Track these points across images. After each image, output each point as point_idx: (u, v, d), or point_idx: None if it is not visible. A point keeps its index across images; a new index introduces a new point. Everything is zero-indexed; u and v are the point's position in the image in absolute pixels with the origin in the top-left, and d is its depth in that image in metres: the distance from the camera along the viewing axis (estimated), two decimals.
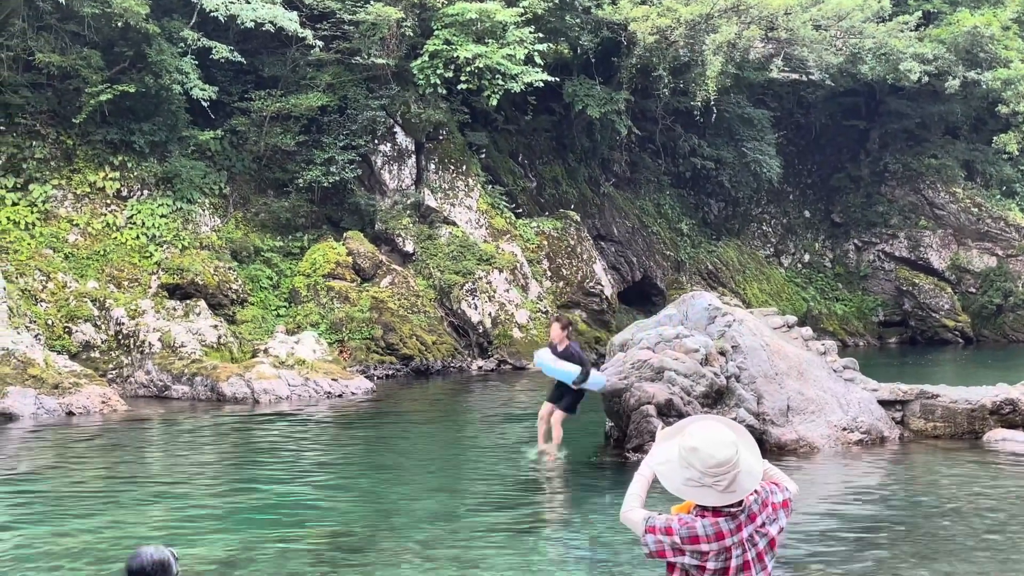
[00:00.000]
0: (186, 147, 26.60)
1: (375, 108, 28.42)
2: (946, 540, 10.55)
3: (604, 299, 30.99)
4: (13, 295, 22.07)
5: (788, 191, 40.76)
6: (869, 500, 12.57)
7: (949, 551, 10.08)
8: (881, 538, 10.65)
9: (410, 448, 16.15)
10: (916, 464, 14.74)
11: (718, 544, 4.40)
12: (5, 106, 24.27)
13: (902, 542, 10.51)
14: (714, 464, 4.38)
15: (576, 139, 33.89)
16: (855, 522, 11.44)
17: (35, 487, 13.37)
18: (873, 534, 10.83)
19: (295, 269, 26.94)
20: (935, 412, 16.03)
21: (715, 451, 4.40)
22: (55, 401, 19.51)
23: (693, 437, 4.49)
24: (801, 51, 32.71)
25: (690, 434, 4.53)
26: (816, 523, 11.11)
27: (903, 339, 38.44)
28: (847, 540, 10.60)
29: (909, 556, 9.91)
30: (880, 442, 15.45)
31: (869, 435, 15.43)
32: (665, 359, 14.93)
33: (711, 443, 4.43)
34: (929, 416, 16.05)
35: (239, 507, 12.19)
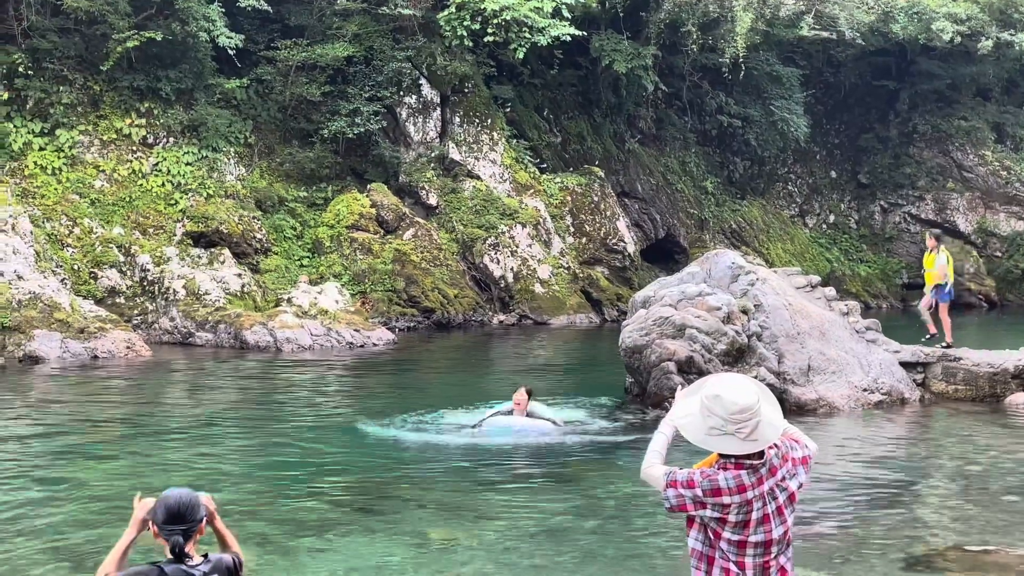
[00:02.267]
0: (212, 95, 26.62)
1: (401, 59, 28.32)
2: (963, 501, 10.57)
3: (627, 256, 30.94)
4: (40, 239, 22.26)
5: (815, 151, 40.43)
6: (886, 461, 12.60)
7: (966, 513, 10.11)
8: (897, 499, 10.68)
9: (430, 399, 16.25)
10: (936, 426, 14.73)
11: (740, 497, 4.43)
12: (33, 51, 24.33)
13: (918, 503, 10.54)
14: (736, 410, 4.41)
15: (602, 94, 33.66)
16: (872, 482, 11.47)
17: (59, 429, 13.57)
18: (889, 494, 10.86)
19: (319, 220, 27.02)
20: (957, 375, 15.99)
21: (737, 397, 4.44)
22: (80, 345, 19.74)
23: (715, 387, 4.53)
24: (832, 9, 32.32)
25: (712, 384, 4.57)
26: (832, 482, 11.15)
27: None
28: (863, 500, 10.64)
29: (925, 517, 9.94)
30: (900, 404, 15.44)
31: (889, 396, 15.42)
32: (687, 316, 14.93)
33: (733, 390, 4.48)
34: (951, 379, 16.01)
35: (260, 453, 12.33)
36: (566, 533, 9.19)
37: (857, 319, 16.71)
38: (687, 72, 34.39)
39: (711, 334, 14.80)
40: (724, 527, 4.48)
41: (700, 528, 4.56)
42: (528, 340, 25.33)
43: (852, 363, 15.60)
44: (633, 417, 14.59)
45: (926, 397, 15.92)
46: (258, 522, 9.27)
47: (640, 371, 14.90)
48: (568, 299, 28.76)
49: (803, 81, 37.29)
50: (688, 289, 15.68)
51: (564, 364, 21.89)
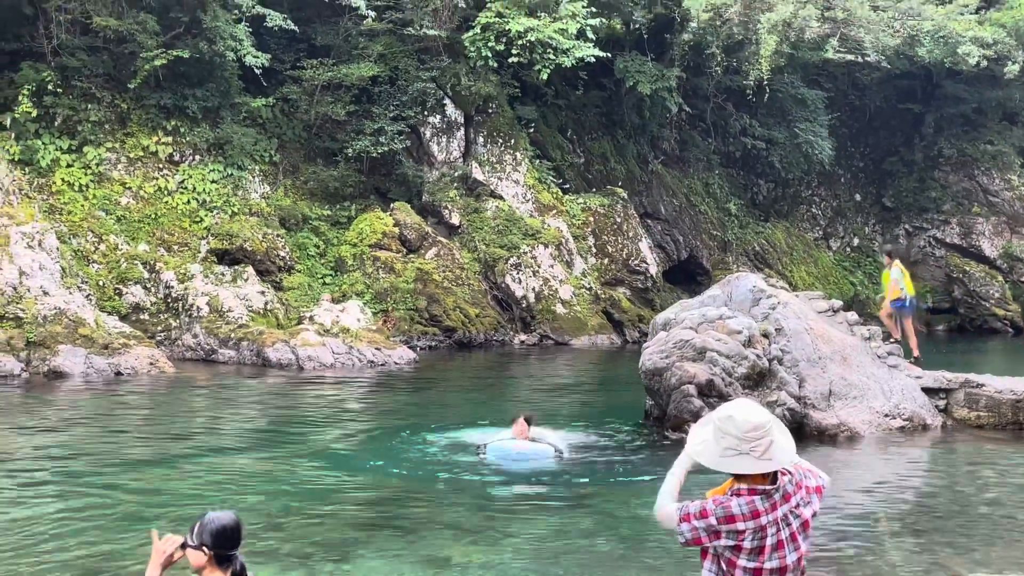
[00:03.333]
0: (238, 114, 26.85)
1: (425, 80, 28.48)
2: (983, 529, 10.48)
3: (649, 277, 30.91)
4: (66, 256, 22.47)
5: (839, 174, 40.32)
6: (907, 486, 12.51)
7: (985, 540, 10.02)
8: (917, 525, 10.61)
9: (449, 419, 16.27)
10: (957, 453, 14.62)
11: (754, 523, 4.44)
12: (62, 69, 24.62)
13: (938, 530, 10.46)
14: (750, 428, 4.47)
15: (626, 115, 33.72)
16: (892, 508, 11.40)
17: (82, 445, 13.66)
18: (909, 520, 10.79)
19: (342, 238, 27.15)
20: (979, 401, 15.86)
21: (749, 416, 4.51)
22: (104, 361, 19.89)
23: (727, 409, 4.61)
24: (858, 32, 32.25)
25: (724, 407, 4.63)
26: (853, 507, 11.08)
27: (951, 327, 37.97)
28: (881, 527, 10.57)
29: (944, 544, 9.87)
30: (922, 430, 15.33)
31: (911, 422, 15.32)
32: (708, 339, 14.90)
33: (746, 410, 4.57)
34: (973, 405, 15.89)
35: (278, 470, 12.38)
36: (583, 554, 9.18)
37: (879, 344, 16.62)
38: (711, 94, 34.42)
39: (732, 357, 14.76)
40: (739, 555, 4.49)
41: (714, 559, 4.58)
42: (549, 360, 25.32)
43: (874, 388, 15.51)
44: (653, 439, 14.56)
45: (948, 423, 15.80)
46: (276, 539, 9.30)
47: (660, 393, 14.87)
48: (589, 320, 28.75)
49: (828, 104, 37.23)
50: (709, 312, 15.64)
51: (584, 385, 21.86)
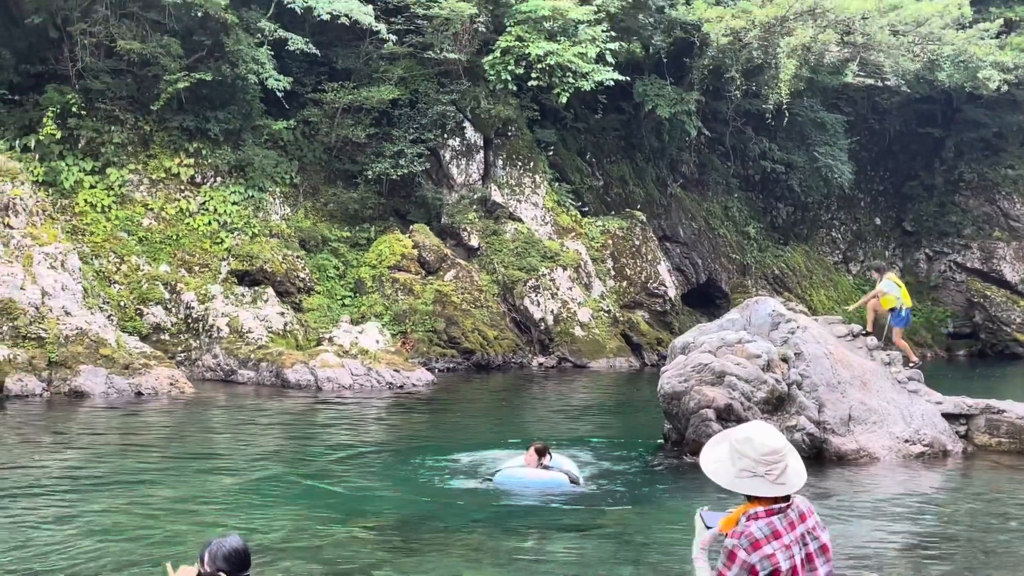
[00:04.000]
0: (259, 136, 27.04)
1: (445, 103, 28.63)
2: (1003, 556, 10.41)
3: (667, 300, 30.88)
4: (88, 276, 22.65)
5: (859, 197, 40.24)
6: (927, 512, 12.44)
7: (1005, 567, 9.95)
8: (936, 551, 10.54)
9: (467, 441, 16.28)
10: (977, 479, 14.52)
11: (778, 542, 4.46)
12: (86, 91, 24.88)
13: (957, 556, 10.39)
14: (767, 451, 4.49)
15: (645, 139, 33.79)
16: (911, 534, 11.34)
17: (101, 464, 13.73)
18: (929, 547, 10.72)
19: (361, 260, 27.26)
20: (1000, 428, 15.76)
21: (767, 439, 4.53)
22: (125, 381, 20.00)
23: (745, 430, 4.61)
24: (877, 56, 32.24)
25: (741, 429, 4.64)
26: (872, 533, 11.03)
27: (972, 352, 37.76)
28: (902, 551, 10.51)
29: (963, 570, 9.80)
30: (942, 456, 15.24)
31: (931, 448, 15.23)
32: (726, 363, 14.88)
33: (763, 433, 4.58)
34: (994, 431, 15.79)
35: (294, 492, 12.40)
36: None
37: (899, 369, 16.56)
38: (730, 117, 34.47)
39: (751, 382, 14.73)
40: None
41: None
42: (567, 383, 25.30)
43: (894, 413, 15.44)
44: (672, 463, 14.53)
45: (968, 449, 15.70)
46: (291, 561, 9.32)
47: (679, 417, 14.85)
48: (608, 342, 28.73)
49: (847, 127, 37.22)
50: (728, 336, 15.63)
51: (603, 408, 21.83)
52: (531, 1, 27.99)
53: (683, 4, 30.65)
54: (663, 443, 15.60)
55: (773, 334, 15.81)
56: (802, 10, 30.15)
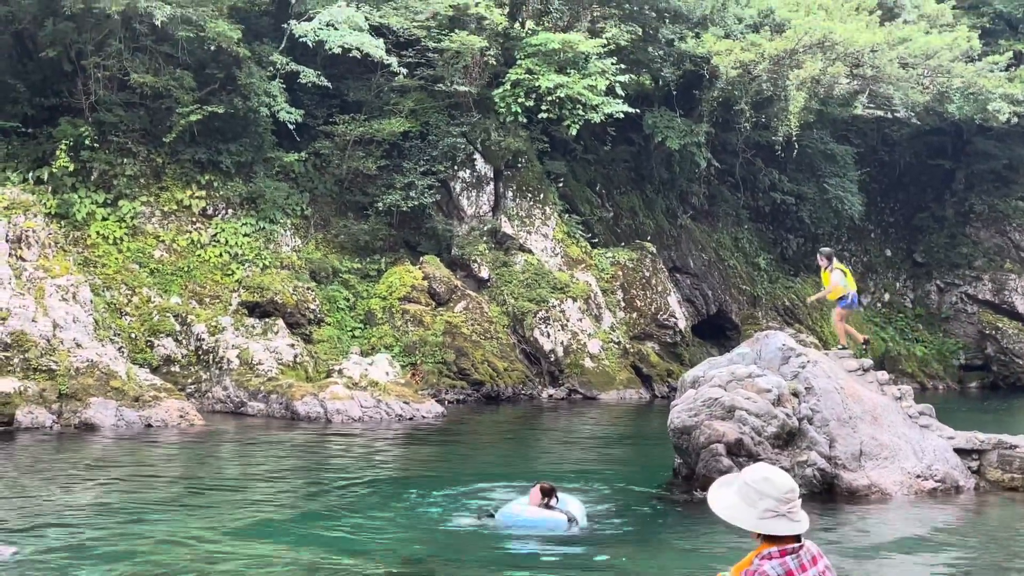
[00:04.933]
0: (271, 168, 27.19)
1: (456, 135, 28.77)
2: None
3: (678, 332, 30.83)
4: (99, 308, 22.72)
5: (869, 229, 40.21)
6: (940, 550, 12.33)
7: None
8: None
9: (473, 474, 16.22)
10: (991, 516, 14.41)
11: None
12: (99, 124, 25.07)
13: None
14: (787, 490, 4.53)
15: (655, 170, 33.87)
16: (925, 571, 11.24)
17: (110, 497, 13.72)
18: None
19: (372, 291, 27.30)
20: (1013, 463, 15.64)
21: (784, 479, 4.59)
22: (135, 414, 20.02)
23: (759, 471, 4.61)
24: (887, 88, 32.32)
25: (753, 470, 4.63)
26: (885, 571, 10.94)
27: (984, 384, 37.57)
28: None
29: None
30: (955, 491, 15.13)
31: (943, 484, 15.12)
32: (737, 398, 14.83)
33: (778, 472, 4.64)
34: (1007, 467, 15.66)
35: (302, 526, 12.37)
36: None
37: (910, 404, 16.47)
38: (740, 149, 34.53)
39: (761, 416, 14.67)
40: None
41: None
42: (577, 415, 25.24)
43: (905, 449, 15.36)
44: (682, 499, 14.45)
45: (981, 485, 15.58)
46: None
47: (689, 452, 14.79)
48: (618, 374, 28.68)
49: (857, 159, 37.25)
50: (738, 370, 15.58)
51: (613, 441, 21.76)
52: (541, 34, 28.19)
53: (693, 37, 30.80)
54: (673, 477, 15.52)
55: (783, 368, 15.76)
56: (811, 43, 30.26)
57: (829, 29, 30.08)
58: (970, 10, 37.85)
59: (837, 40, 30.35)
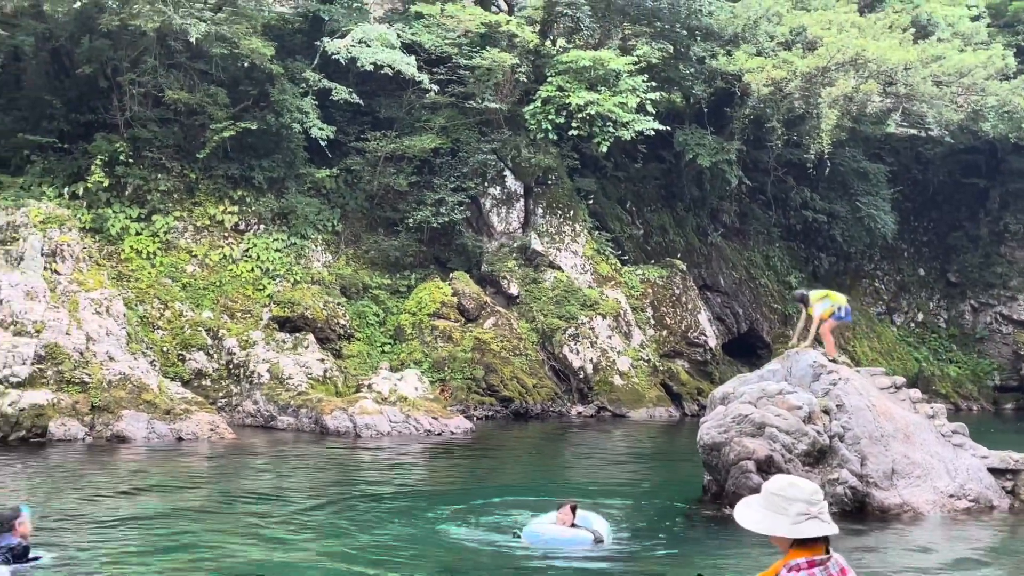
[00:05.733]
0: (302, 184, 27.36)
1: (486, 151, 28.85)
2: None
3: (708, 350, 30.68)
4: (132, 322, 22.91)
5: (902, 248, 39.89)
6: (973, 569, 12.16)
7: None
8: None
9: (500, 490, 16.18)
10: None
11: None
12: (134, 139, 25.34)
13: None
14: (813, 491, 4.55)
15: (685, 188, 33.79)
16: None
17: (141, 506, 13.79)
18: None
19: (401, 307, 27.36)
20: None
21: (808, 483, 4.65)
22: (166, 426, 20.14)
23: (781, 479, 4.63)
24: (920, 107, 32.10)
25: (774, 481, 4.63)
26: None
27: (1020, 405, 37.10)
28: None
29: None
30: (988, 511, 14.93)
31: (977, 503, 14.93)
32: (767, 415, 14.73)
33: (800, 479, 4.68)
34: None
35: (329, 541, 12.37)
36: None
37: (943, 422, 16.29)
38: (771, 167, 34.39)
39: (791, 433, 14.55)
40: None
41: None
42: (606, 432, 25.13)
43: (938, 468, 15.18)
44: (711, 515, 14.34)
45: (1015, 505, 15.37)
46: None
47: (718, 469, 14.68)
48: (648, 392, 28.55)
49: (890, 177, 37.00)
50: (768, 387, 15.48)
51: (642, 458, 21.64)
52: (572, 52, 28.25)
53: (724, 55, 30.75)
54: (703, 494, 15.42)
55: (814, 385, 15.64)
56: (844, 61, 30.13)
57: (862, 47, 29.94)
58: (1005, 28, 37.56)
59: (870, 58, 30.20)
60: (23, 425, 19.37)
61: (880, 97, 31.81)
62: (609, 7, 30.05)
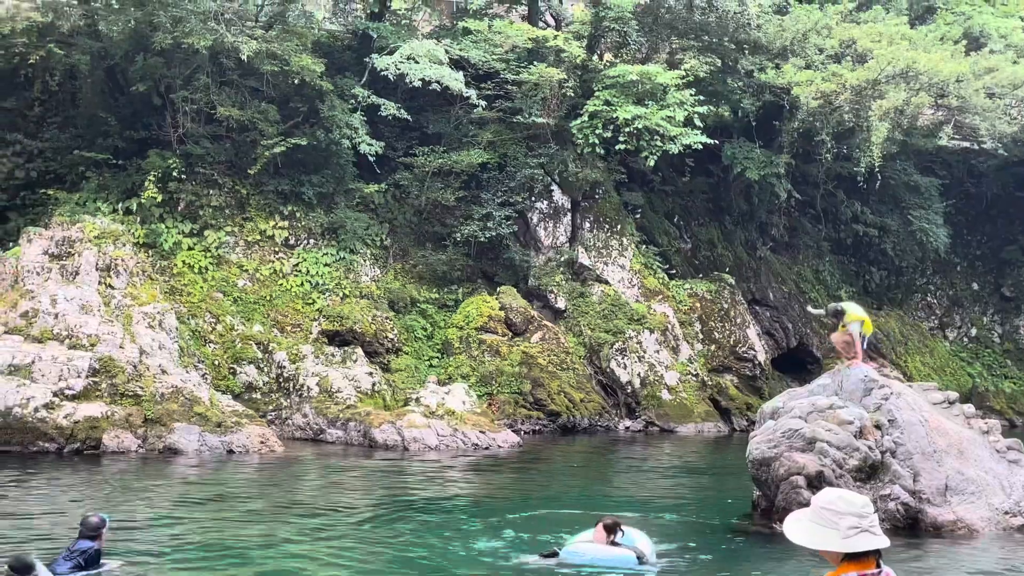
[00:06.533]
0: (351, 199, 27.60)
1: (533, 166, 28.93)
2: None
3: (757, 365, 30.45)
4: (184, 335, 23.21)
5: (955, 262, 39.34)
6: None
7: None
8: None
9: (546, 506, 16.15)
10: None
11: None
12: (186, 156, 25.71)
13: None
14: (863, 504, 4.52)
15: (734, 202, 33.62)
16: None
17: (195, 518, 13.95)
18: None
19: (449, 321, 27.46)
20: None
21: (857, 496, 4.60)
22: (217, 439, 20.36)
23: (830, 493, 4.61)
24: (973, 119, 31.71)
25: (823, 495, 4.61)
26: None
27: None
28: None
29: None
30: None
31: None
32: (817, 430, 14.59)
33: (849, 492, 4.64)
34: None
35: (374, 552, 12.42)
36: None
37: (997, 438, 16.03)
38: (821, 180, 34.11)
39: (842, 448, 14.40)
40: None
41: None
42: (654, 447, 25.01)
43: (993, 484, 14.94)
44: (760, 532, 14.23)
45: None
46: None
47: (768, 484, 14.57)
48: (696, 407, 28.39)
49: (943, 191, 36.54)
50: (819, 401, 15.34)
51: (691, 474, 21.50)
52: (619, 66, 28.26)
53: (772, 68, 30.59)
54: (752, 510, 15.30)
55: (865, 400, 15.47)
56: (894, 73, 29.85)
57: (913, 59, 29.65)
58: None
59: (921, 70, 29.89)
60: (78, 437, 19.68)
61: (931, 110, 31.49)
62: (656, 21, 30.05)
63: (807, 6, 32.97)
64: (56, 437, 19.58)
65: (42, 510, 14.27)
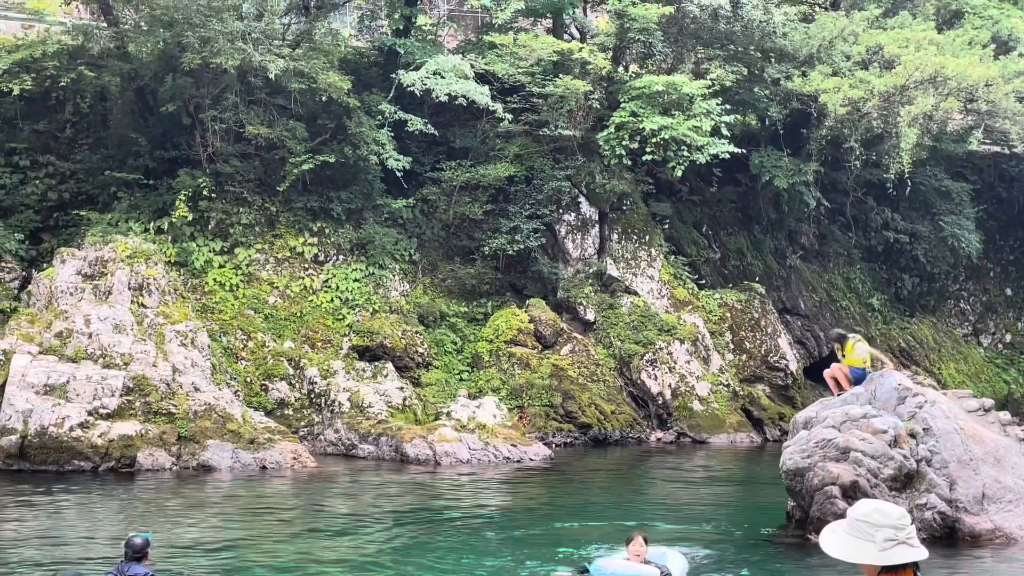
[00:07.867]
0: (380, 215, 27.71)
1: (561, 178, 28.94)
2: None
3: (789, 374, 30.25)
4: (216, 353, 23.36)
5: (988, 267, 38.96)
6: None
7: None
8: None
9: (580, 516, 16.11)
10: None
11: None
12: (216, 175, 25.92)
13: None
14: (900, 515, 4.42)
15: (762, 210, 33.47)
16: None
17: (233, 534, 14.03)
18: None
19: (479, 334, 27.48)
20: None
21: (894, 507, 4.49)
22: (250, 456, 20.46)
23: (867, 504, 4.51)
24: (1003, 123, 31.40)
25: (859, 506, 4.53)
26: None
27: None
28: None
29: None
30: None
31: None
32: (851, 439, 14.48)
33: (886, 503, 4.52)
34: None
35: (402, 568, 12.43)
36: None
37: None
38: (850, 187, 33.89)
39: (877, 458, 14.29)
40: None
41: None
42: (686, 458, 24.90)
43: None
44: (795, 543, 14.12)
45: None
46: None
47: (802, 495, 14.46)
48: (728, 417, 28.23)
49: (974, 196, 36.21)
50: (852, 410, 15.23)
51: (724, 484, 21.39)
52: (645, 77, 28.23)
53: (799, 76, 30.46)
54: (786, 521, 15.19)
55: (900, 408, 15.35)
56: (922, 79, 29.63)
57: (941, 64, 29.42)
58: None
59: (949, 75, 29.65)
60: (112, 456, 19.84)
61: (961, 115, 31.24)
62: (682, 31, 30.01)
63: (833, 13, 32.81)
64: (91, 456, 19.74)
65: (85, 528, 14.39)
